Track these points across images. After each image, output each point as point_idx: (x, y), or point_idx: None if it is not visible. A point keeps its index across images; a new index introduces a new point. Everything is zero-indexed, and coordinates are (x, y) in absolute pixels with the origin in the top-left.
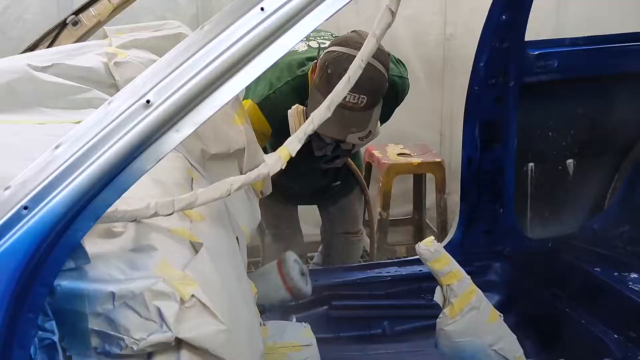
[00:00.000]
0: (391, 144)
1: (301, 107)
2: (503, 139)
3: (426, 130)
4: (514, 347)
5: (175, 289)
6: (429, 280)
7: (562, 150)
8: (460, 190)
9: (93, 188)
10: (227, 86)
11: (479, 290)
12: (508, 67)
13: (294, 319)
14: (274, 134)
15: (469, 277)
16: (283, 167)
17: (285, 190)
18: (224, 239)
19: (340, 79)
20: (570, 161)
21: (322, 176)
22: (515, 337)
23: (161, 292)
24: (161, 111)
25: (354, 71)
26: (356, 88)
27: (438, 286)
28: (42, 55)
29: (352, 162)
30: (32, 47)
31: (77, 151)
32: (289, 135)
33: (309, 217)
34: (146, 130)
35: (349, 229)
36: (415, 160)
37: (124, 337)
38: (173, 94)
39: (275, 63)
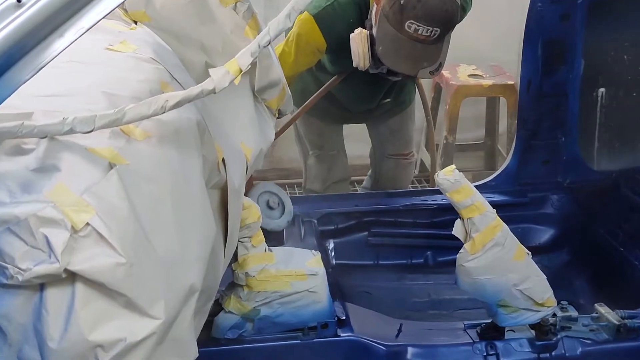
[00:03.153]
0: (463, 65)
1: (365, 31)
2: (568, 61)
3: (502, 51)
4: (541, 288)
5: (66, 215)
6: None
7: (638, 75)
8: (517, 116)
9: None
10: None
11: (505, 226)
12: None
13: (332, 244)
14: (330, 51)
15: (494, 210)
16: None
17: (332, 107)
18: (171, 162)
19: (415, 9)
20: None
21: (373, 92)
22: (545, 277)
23: (49, 218)
24: (35, 12)
25: None
26: (429, 20)
27: (458, 219)
28: None
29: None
30: None
31: None
32: (346, 55)
33: (358, 137)
34: (19, 33)
35: (399, 150)
36: (486, 82)
37: (8, 265)
38: None
39: None
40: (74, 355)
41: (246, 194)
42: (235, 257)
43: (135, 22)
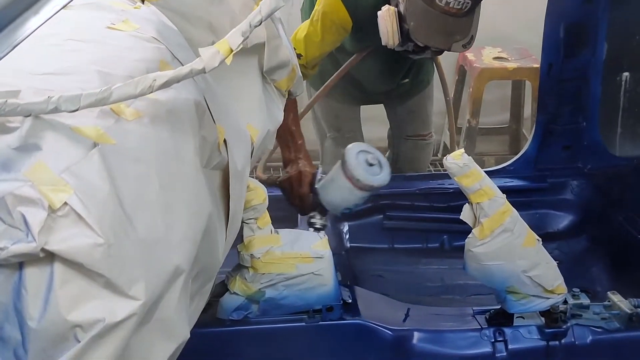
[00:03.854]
0: (488, 47)
1: (393, 8)
2: (591, 44)
3: (529, 33)
4: (552, 275)
5: (44, 194)
6: None
7: None
8: (537, 100)
9: None
10: None
11: (515, 211)
12: None
13: (346, 227)
14: (355, 30)
15: (503, 195)
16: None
17: (350, 88)
18: (161, 142)
19: None
20: None
21: (392, 71)
22: (556, 263)
23: (26, 197)
24: None
25: None
26: None
27: (467, 203)
28: None
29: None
30: None
31: None
32: (370, 34)
33: (376, 119)
34: None
35: (418, 131)
36: (511, 65)
37: None
38: None
39: None
40: (54, 335)
41: (344, 154)
42: (241, 238)
43: (142, 1)
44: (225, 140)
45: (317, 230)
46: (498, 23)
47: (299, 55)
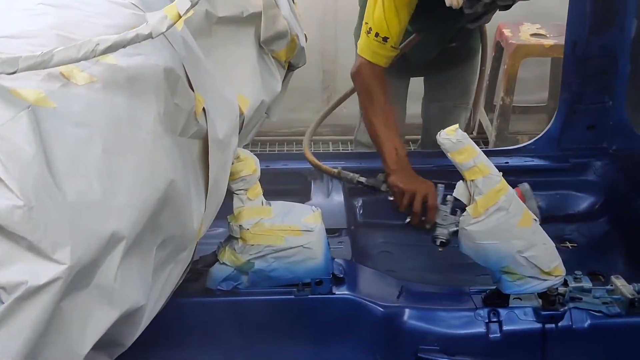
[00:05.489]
0: (527, 23)
1: None
2: (619, 20)
3: None
4: (548, 256)
5: None
6: (517, 174)
7: None
8: (561, 77)
9: None
10: None
11: (511, 190)
12: None
13: (360, 202)
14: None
15: (499, 173)
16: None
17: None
18: (114, 108)
19: None
20: None
21: (439, 40)
22: (554, 244)
23: None
24: None
25: None
26: None
27: (460, 180)
28: None
29: None
30: None
31: None
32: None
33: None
34: None
35: (456, 102)
36: (548, 42)
37: None
38: None
39: None
40: None
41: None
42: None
43: None
44: (205, 109)
45: (443, 244)
46: None
47: (385, 39)
